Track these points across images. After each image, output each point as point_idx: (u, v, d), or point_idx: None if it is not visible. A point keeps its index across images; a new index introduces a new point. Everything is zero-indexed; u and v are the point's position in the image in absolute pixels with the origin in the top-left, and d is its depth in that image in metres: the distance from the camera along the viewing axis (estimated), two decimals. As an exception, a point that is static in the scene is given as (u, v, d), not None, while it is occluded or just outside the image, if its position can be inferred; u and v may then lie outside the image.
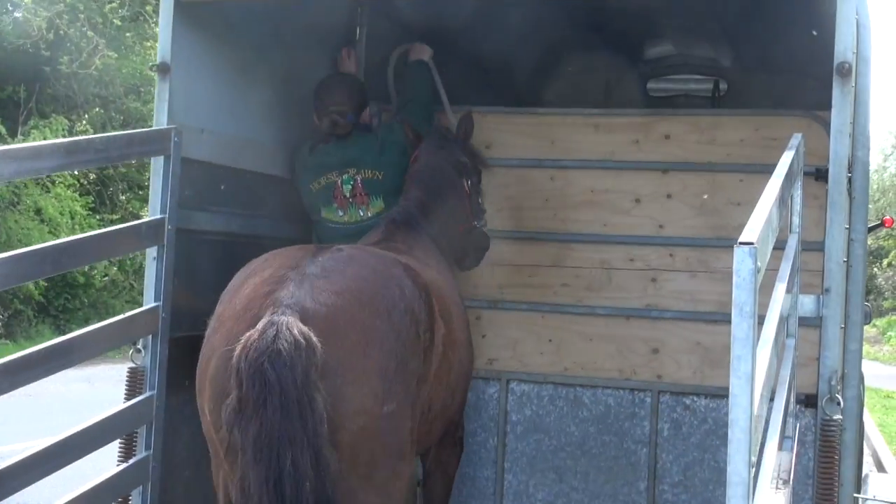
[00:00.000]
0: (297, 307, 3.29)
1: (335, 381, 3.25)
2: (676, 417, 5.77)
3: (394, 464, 3.49)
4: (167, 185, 4.54)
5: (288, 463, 3.01)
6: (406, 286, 3.70)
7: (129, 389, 4.53)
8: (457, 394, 4.38)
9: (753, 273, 2.21)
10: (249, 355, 3.12)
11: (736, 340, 2.21)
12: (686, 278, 5.80)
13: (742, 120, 5.81)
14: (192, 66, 4.85)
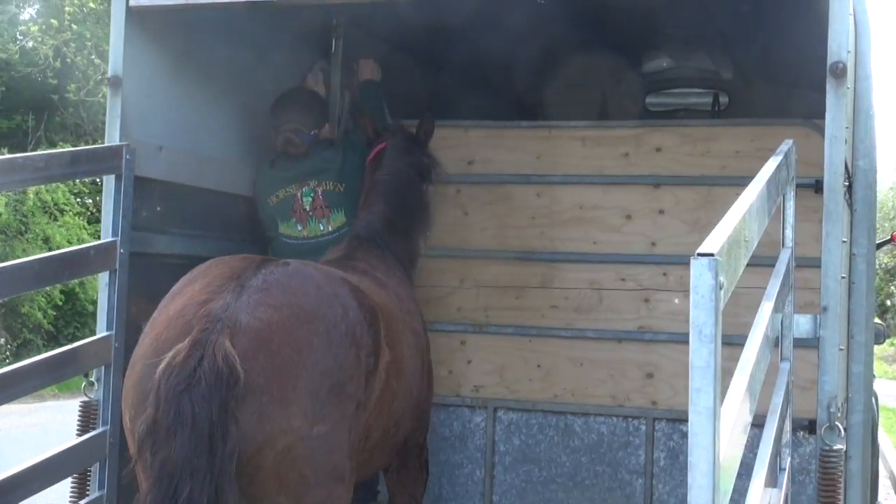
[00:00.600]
0: (229, 321, 3.16)
1: (261, 398, 3.12)
2: (673, 446, 5.46)
3: (329, 486, 3.32)
4: (118, 206, 4.28)
5: (184, 496, 2.93)
6: (350, 307, 3.51)
7: (81, 424, 4.28)
8: (403, 423, 4.13)
9: (714, 289, 1.88)
10: (171, 379, 3.02)
11: (694, 369, 1.88)
12: (681, 298, 5.46)
13: (737, 130, 5.52)
14: (147, 79, 4.58)
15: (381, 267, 4.49)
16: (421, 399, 4.33)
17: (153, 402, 3.05)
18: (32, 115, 22.18)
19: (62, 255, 4.15)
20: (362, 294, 3.72)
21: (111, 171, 4.28)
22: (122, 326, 4.24)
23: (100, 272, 4.30)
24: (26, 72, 21.88)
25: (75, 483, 4.24)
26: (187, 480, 2.94)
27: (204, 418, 2.97)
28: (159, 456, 3.00)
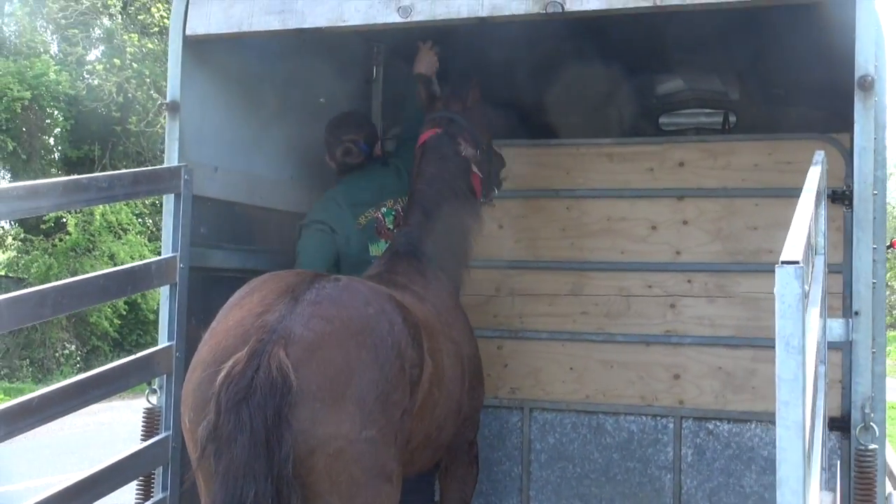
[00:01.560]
0: (284, 332, 3.10)
1: (313, 404, 3.05)
2: (700, 443, 5.25)
3: (378, 485, 3.23)
4: (178, 223, 4.07)
5: (250, 497, 2.91)
6: (396, 322, 3.39)
7: (145, 429, 4.08)
8: (446, 427, 3.93)
9: (801, 298, 1.60)
10: (230, 388, 2.99)
11: (782, 381, 1.59)
12: (705, 304, 5.28)
13: (756, 145, 5.29)
14: (203, 104, 4.37)
15: (419, 280, 4.24)
16: (462, 403, 4.09)
17: (214, 409, 3.01)
18: (98, 145, 22.31)
19: (126, 270, 3.94)
20: (406, 310, 3.58)
21: (171, 191, 4.08)
22: (182, 337, 4.03)
23: (161, 286, 4.09)
24: (92, 106, 21.98)
25: (140, 485, 4.05)
26: (251, 484, 2.92)
27: (260, 425, 2.95)
28: (223, 461, 2.97)
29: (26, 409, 3.25)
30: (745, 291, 5.16)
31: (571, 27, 4.87)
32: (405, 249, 4.43)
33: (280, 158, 5.08)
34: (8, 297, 3.24)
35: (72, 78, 21.94)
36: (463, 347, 4.18)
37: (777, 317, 1.62)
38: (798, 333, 1.59)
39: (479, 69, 5.63)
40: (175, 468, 3.98)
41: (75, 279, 3.62)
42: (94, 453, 3.79)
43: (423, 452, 3.82)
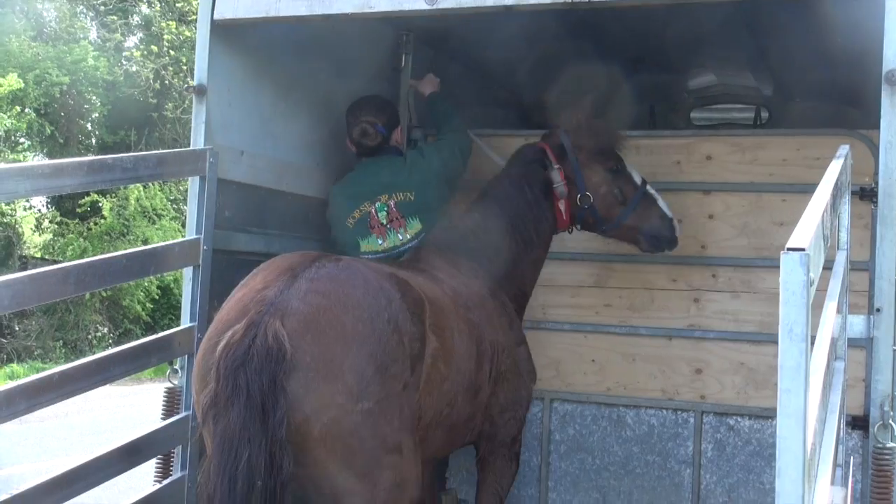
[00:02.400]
0: (281, 305, 3.19)
1: (308, 374, 3.14)
2: (720, 438, 5.21)
3: (377, 455, 3.30)
4: (202, 206, 4.11)
5: (244, 460, 3.01)
6: (394, 298, 3.46)
7: (166, 409, 4.14)
8: (457, 405, 3.91)
9: (805, 286, 1.59)
10: (228, 356, 3.10)
11: (784, 370, 1.58)
12: (729, 298, 5.23)
13: (784, 140, 5.22)
14: (230, 88, 4.39)
15: (445, 268, 4.25)
16: (481, 386, 4.06)
17: (214, 377, 3.12)
18: (134, 130, 22.44)
19: (149, 250, 3.98)
20: (407, 286, 3.64)
21: (195, 173, 4.10)
22: (204, 318, 4.04)
23: (184, 267, 4.14)
24: (129, 92, 22.14)
25: (160, 463, 4.09)
26: (245, 446, 3.01)
27: (256, 390, 3.03)
28: (220, 425, 3.08)
29: (48, 384, 3.29)
30: (770, 287, 5.11)
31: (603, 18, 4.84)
32: (438, 241, 4.49)
33: (306, 145, 5.09)
34: (31, 273, 3.29)
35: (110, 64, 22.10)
36: (485, 332, 4.14)
37: (781, 304, 1.61)
38: (801, 321, 1.58)
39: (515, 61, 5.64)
40: (195, 447, 4.00)
41: (98, 257, 3.66)
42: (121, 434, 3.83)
43: (435, 431, 3.81)
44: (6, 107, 19.98)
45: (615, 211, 4.72)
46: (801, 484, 1.55)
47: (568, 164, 4.65)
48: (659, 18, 5.09)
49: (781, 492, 1.56)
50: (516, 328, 4.48)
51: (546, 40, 5.51)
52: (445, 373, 3.72)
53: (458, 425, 4.00)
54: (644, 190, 4.78)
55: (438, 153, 4.93)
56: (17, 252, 19.93)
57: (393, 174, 4.84)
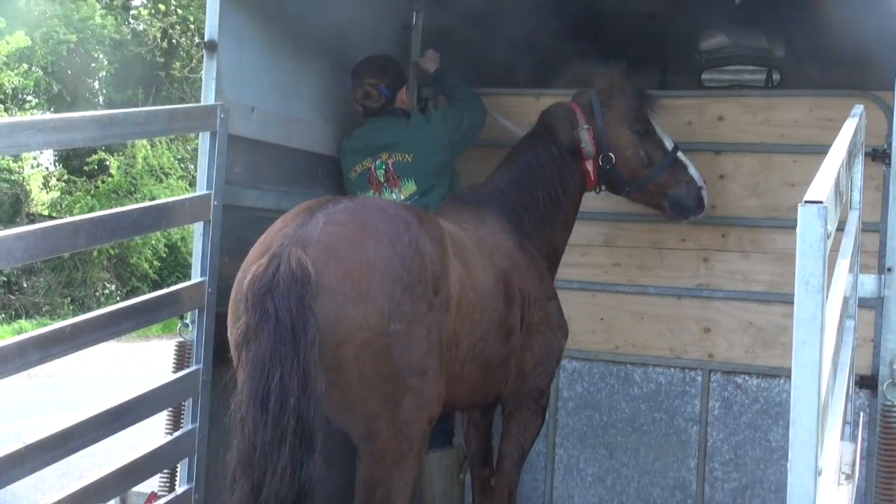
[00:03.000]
0: (302, 237, 3.26)
1: (336, 297, 3.18)
2: (727, 396, 5.23)
3: (404, 378, 3.33)
4: (213, 161, 4.06)
5: (276, 380, 3.04)
6: (412, 223, 3.49)
7: (176, 362, 4.11)
8: (490, 342, 3.92)
9: (823, 238, 1.58)
10: (255, 286, 3.15)
11: (800, 321, 1.58)
12: (738, 258, 5.23)
13: (796, 101, 5.20)
14: (241, 44, 4.34)
15: (470, 220, 4.25)
16: (512, 329, 4.07)
17: (243, 310, 3.18)
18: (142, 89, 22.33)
19: (160, 204, 3.97)
20: (424, 214, 3.70)
21: (206, 129, 4.06)
22: (214, 273, 4.04)
23: (194, 222, 4.10)
24: (137, 51, 22.06)
25: (170, 416, 4.09)
26: (277, 367, 3.04)
27: (285, 313, 3.07)
28: (251, 352, 3.11)
29: (60, 336, 3.29)
30: (780, 247, 5.11)
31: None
32: (464, 198, 4.53)
33: (317, 101, 5.04)
34: (43, 226, 3.27)
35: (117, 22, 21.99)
36: (514, 279, 4.14)
37: (798, 256, 1.60)
38: (818, 273, 1.58)
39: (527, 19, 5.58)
40: (205, 399, 4.02)
41: (109, 211, 3.65)
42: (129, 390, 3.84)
43: (471, 367, 3.83)
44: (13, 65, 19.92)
45: (640, 173, 4.71)
46: (815, 433, 1.56)
47: (595, 124, 4.65)
48: None
49: (795, 441, 1.57)
50: (547, 283, 4.47)
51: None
52: (475, 301, 3.74)
53: (493, 367, 3.99)
54: (674, 155, 4.76)
55: (444, 120, 4.91)
56: (24, 209, 19.94)
57: (394, 135, 4.86)
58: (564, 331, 4.52)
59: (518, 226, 4.45)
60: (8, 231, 3.10)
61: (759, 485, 5.14)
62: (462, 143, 4.99)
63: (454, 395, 3.83)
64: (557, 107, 4.78)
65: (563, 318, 4.51)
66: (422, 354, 3.35)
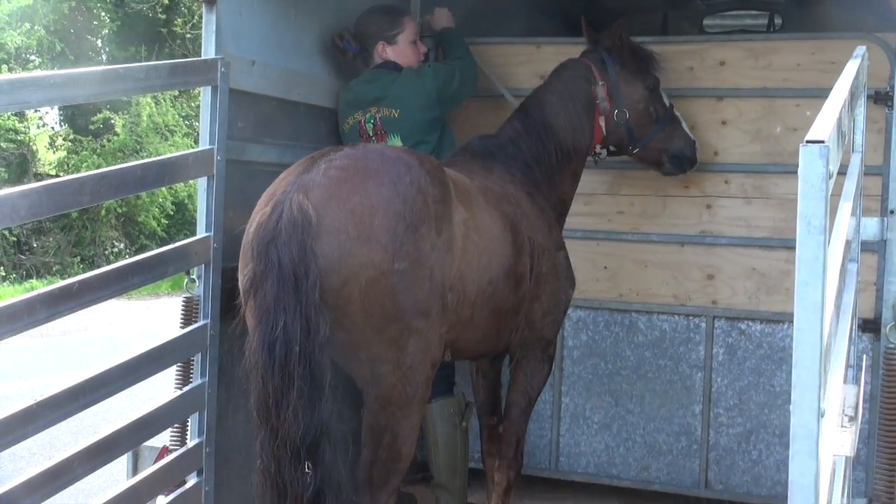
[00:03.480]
0: (303, 183, 3.28)
1: (339, 237, 3.21)
2: (731, 342, 5.23)
3: (408, 320, 3.33)
4: (215, 116, 4.02)
5: (280, 328, 3.09)
6: (413, 165, 3.48)
7: (184, 318, 4.10)
8: (499, 287, 3.90)
9: (825, 178, 1.56)
10: (259, 235, 3.22)
11: (802, 262, 1.56)
12: (741, 205, 5.20)
13: (798, 44, 5.13)
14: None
15: (479, 171, 4.22)
16: (522, 277, 4.05)
17: (250, 258, 3.25)
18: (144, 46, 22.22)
19: (163, 160, 3.93)
20: (427, 158, 3.69)
21: (207, 83, 4.01)
22: (220, 228, 4.02)
23: (198, 177, 4.06)
24: (138, 8, 21.95)
25: (179, 371, 4.08)
26: (281, 314, 3.09)
27: (287, 261, 3.11)
28: (257, 300, 3.18)
29: (68, 293, 3.28)
30: (783, 193, 5.08)
31: None
32: (474, 148, 4.49)
33: (317, 54, 4.99)
34: (46, 183, 3.25)
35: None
36: (522, 226, 4.12)
37: (799, 197, 1.58)
38: (820, 214, 1.55)
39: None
40: (213, 354, 4.02)
41: (113, 168, 3.61)
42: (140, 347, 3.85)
43: (482, 311, 3.81)
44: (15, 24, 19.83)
45: (647, 129, 4.77)
46: (818, 375, 1.55)
47: (609, 81, 4.67)
48: None
49: (798, 382, 1.56)
50: (556, 233, 4.47)
51: None
52: (482, 246, 3.73)
53: (503, 314, 3.98)
54: (672, 112, 4.85)
55: (435, 76, 4.86)
56: (31, 169, 19.95)
57: (383, 88, 4.85)
58: (572, 281, 4.51)
59: (528, 177, 4.44)
60: (12, 189, 3.07)
61: (764, 429, 5.16)
62: (451, 101, 4.98)
63: (466, 342, 3.86)
64: (572, 63, 4.77)
65: (571, 268, 4.50)
66: (425, 295, 3.35)
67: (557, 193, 4.61)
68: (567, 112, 4.61)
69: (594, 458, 5.43)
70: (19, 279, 18.94)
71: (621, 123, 4.68)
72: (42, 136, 21.41)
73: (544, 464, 5.48)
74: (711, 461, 5.23)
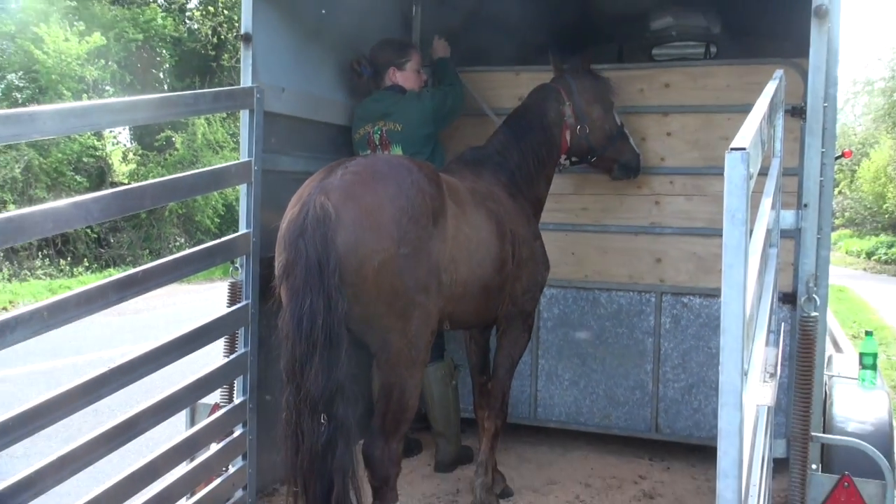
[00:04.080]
0: (324, 187, 3.27)
1: (356, 229, 3.20)
2: (676, 313, 5.21)
3: (412, 295, 3.33)
4: (252, 134, 4.02)
5: (307, 305, 3.11)
6: (413, 170, 3.48)
7: (230, 299, 4.09)
8: (486, 269, 3.87)
9: (746, 179, 1.55)
10: (290, 230, 3.22)
11: (727, 248, 1.55)
12: (683, 201, 5.17)
13: (729, 69, 5.10)
14: (271, 36, 4.26)
15: (469, 175, 4.17)
16: (506, 261, 4.02)
17: (283, 248, 3.25)
18: (198, 78, 22.21)
19: (210, 170, 3.91)
20: (425, 164, 3.68)
21: (245, 107, 4.01)
22: (257, 225, 4.02)
23: (239, 184, 4.06)
24: (192, 46, 21.92)
25: (227, 342, 4.07)
26: (308, 294, 3.11)
27: (313, 251, 3.12)
28: (289, 283, 3.18)
29: (134, 280, 3.27)
30: (717, 191, 5.05)
31: None
32: (466, 157, 4.45)
33: (334, 82, 4.96)
34: (114, 190, 3.24)
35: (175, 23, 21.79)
36: (505, 220, 4.08)
37: (725, 194, 1.56)
38: (742, 208, 1.54)
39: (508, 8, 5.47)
40: (254, 329, 4.01)
41: (169, 177, 3.60)
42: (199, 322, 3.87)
43: (473, 289, 3.78)
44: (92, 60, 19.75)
45: (603, 143, 4.74)
46: (742, 340, 1.53)
47: (574, 102, 4.65)
48: None
49: (725, 347, 1.54)
50: (533, 226, 4.45)
51: None
52: (470, 235, 3.71)
53: (490, 291, 3.95)
54: (622, 130, 4.84)
55: (432, 99, 4.84)
56: (108, 179, 19.94)
57: (389, 106, 4.81)
58: (547, 265, 4.49)
59: (511, 180, 4.41)
60: (86, 195, 3.07)
61: (702, 384, 5.15)
62: (444, 120, 4.94)
63: (461, 314, 3.84)
64: (545, 87, 4.74)
65: (546, 254, 4.48)
66: (425, 274, 3.35)
67: (535, 194, 4.58)
68: (542, 127, 4.58)
69: (565, 409, 5.41)
70: (99, 268, 18.95)
71: (583, 137, 4.64)
72: (116, 151, 21.40)
73: (525, 414, 5.47)
74: (661, 410, 5.22)
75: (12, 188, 17.73)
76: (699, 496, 4.58)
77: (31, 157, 18.10)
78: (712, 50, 7.09)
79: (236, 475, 3.99)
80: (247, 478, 4.04)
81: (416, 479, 4.76)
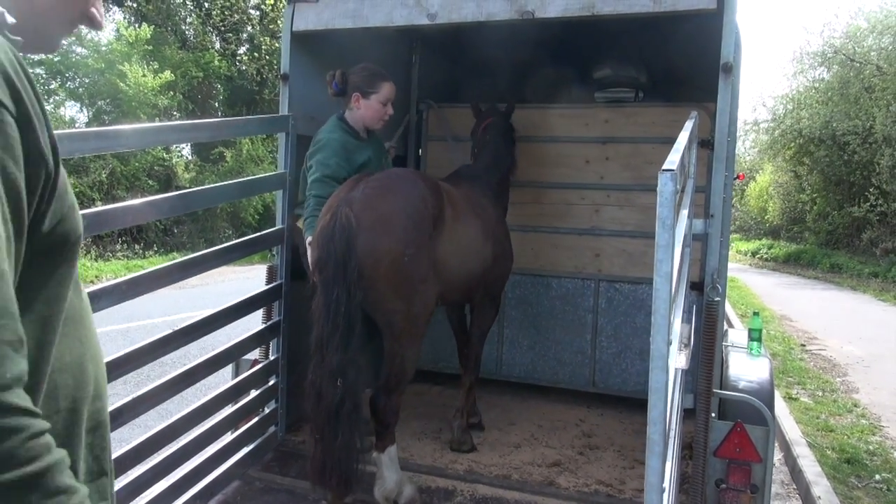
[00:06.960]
0: (349, 199, 3.22)
1: (372, 234, 3.15)
2: (610, 296, 5.18)
3: (415, 285, 3.29)
4: (287, 152, 3.97)
5: (334, 294, 3.07)
6: (419, 184, 3.43)
7: (268, 278, 4.04)
8: (471, 261, 3.81)
9: (674, 193, 1.52)
10: (322, 234, 3.17)
11: (659, 247, 1.53)
12: (617, 210, 5.14)
13: (654, 110, 5.10)
14: (304, 76, 4.19)
15: (464, 186, 4.10)
16: (487, 256, 3.97)
17: (318, 248, 3.18)
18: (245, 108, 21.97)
19: (251, 179, 3.85)
20: (428, 178, 3.64)
21: (282, 130, 3.96)
22: (290, 223, 3.95)
23: (275, 190, 4.00)
24: (241, 83, 21.67)
25: (265, 312, 4.01)
26: (334, 287, 3.08)
27: (340, 253, 3.08)
28: (322, 276, 3.13)
29: (191, 263, 3.22)
30: (643, 202, 5.05)
31: (544, 33, 4.65)
32: (462, 173, 4.38)
33: None
34: (180, 192, 3.18)
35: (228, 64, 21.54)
36: (489, 224, 4.04)
37: (658, 205, 1.54)
38: (671, 216, 1.51)
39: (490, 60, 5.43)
40: (287, 303, 3.95)
41: (217, 185, 3.53)
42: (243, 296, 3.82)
43: (459, 275, 3.71)
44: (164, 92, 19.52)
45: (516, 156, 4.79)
46: (668, 317, 1.51)
47: (513, 132, 4.71)
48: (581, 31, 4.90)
49: (655, 322, 1.52)
50: (505, 228, 4.41)
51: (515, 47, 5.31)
52: (461, 232, 3.66)
53: (473, 276, 3.90)
54: None
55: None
56: (174, 184, 19.74)
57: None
58: (512, 258, 4.46)
59: (494, 192, 4.40)
60: (156, 196, 3.02)
61: (629, 350, 5.14)
62: None
63: (449, 295, 3.79)
64: (503, 117, 4.71)
65: (512, 249, 4.45)
66: (425, 268, 3.31)
67: (502, 202, 4.55)
68: (507, 147, 4.60)
69: (523, 368, 5.38)
70: (165, 252, 18.76)
71: (515, 157, 4.71)
72: (180, 162, 21.17)
73: (492, 371, 5.43)
74: (597, 370, 5.20)
75: (99, 189, 17.60)
76: (625, 435, 4.57)
77: (114, 166, 17.95)
78: (640, 95, 7.08)
79: (270, 415, 3.95)
80: (278, 417, 3.99)
81: (408, 419, 4.73)
